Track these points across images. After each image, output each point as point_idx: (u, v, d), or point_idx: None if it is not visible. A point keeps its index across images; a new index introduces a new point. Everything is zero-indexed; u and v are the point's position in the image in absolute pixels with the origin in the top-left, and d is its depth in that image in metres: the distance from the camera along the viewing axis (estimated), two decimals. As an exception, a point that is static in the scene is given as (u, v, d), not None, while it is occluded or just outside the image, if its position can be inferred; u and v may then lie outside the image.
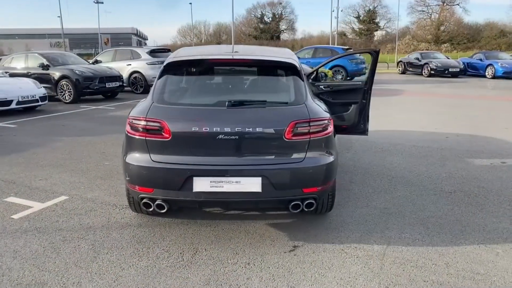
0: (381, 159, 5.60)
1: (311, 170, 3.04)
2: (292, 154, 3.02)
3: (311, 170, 3.04)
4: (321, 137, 3.12)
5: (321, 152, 3.13)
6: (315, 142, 3.08)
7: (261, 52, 3.76)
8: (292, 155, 3.02)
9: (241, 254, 3.06)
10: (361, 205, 3.99)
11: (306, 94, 3.26)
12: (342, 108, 5.29)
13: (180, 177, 2.94)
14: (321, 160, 3.10)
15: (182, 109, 3.09)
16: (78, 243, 3.23)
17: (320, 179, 3.11)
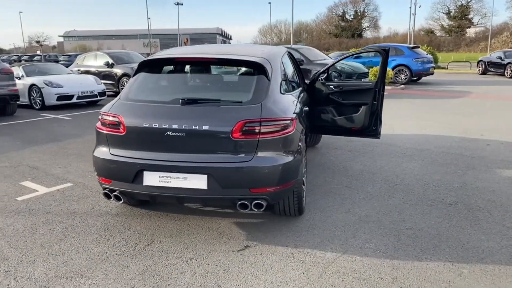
0: (395, 165, 5.28)
1: (259, 170, 3.00)
2: (239, 153, 3.01)
3: (259, 170, 3.00)
4: (275, 137, 3.06)
5: (274, 153, 3.07)
6: (267, 142, 3.03)
7: (233, 51, 3.76)
8: (239, 154, 3.01)
9: (190, 249, 3.13)
10: (342, 211, 3.82)
11: (267, 94, 3.22)
12: (352, 109, 5.10)
13: (132, 170, 3.09)
14: (272, 160, 3.05)
15: (138, 106, 3.23)
16: (54, 226, 3.53)
17: (271, 180, 3.06)
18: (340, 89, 5.23)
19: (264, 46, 4.37)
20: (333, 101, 5.24)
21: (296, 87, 4.44)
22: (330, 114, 5.27)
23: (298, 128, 3.39)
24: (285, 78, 3.84)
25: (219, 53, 3.69)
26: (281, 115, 3.15)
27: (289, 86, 3.95)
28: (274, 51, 3.90)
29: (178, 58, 3.53)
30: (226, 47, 4.20)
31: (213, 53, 3.66)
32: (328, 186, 4.50)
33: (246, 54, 3.59)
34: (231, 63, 3.59)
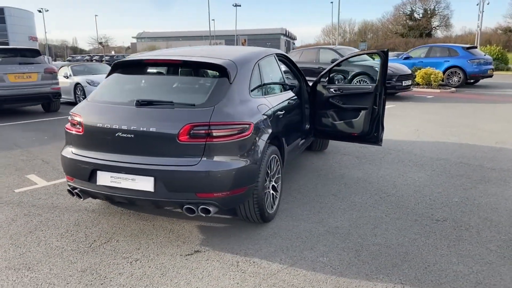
0: (399, 174, 4.94)
1: (205, 174, 2.94)
2: (186, 157, 2.97)
3: (205, 175, 2.95)
4: (226, 142, 2.99)
5: (224, 157, 3.00)
6: (216, 146, 2.97)
7: (205, 53, 3.72)
8: (186, 158, 2.97)
9: (141, 250, 3.15)
10: (314, 221, 3.64)
11: (225, 97, 3.15)
12: (351, 113, 4.88)
13: (87, 169, 3.18)
14: (220, 165, 2.98)
15: (98, 106, 3.31)
16: (32, 219, 3.73)
17: (218, 185, 2.99)
18: (340, 92, 5.00)
19: (246, 49, 4.27)
20: (333, 105, 5.03)
21: (282, 90, 4.31)
22: (330, 118, 5.06)
23: (260, 133, 3.28)
24: (260, 81, 3.73)
25: (188, 55, 3.67)
26: (236, 119, 3.06)
27: (266, 89, 3.83)
28: (248, 54, 3.81)
29: (146, 60, 3.57)
30: (206, 49, 4.18)
31: (181, 55, 3.66)
32: (314, 193, 4.32)
33: (213, 56, 3.54)
34: (195, 65, 3.56)
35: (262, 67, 3.93)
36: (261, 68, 3.88)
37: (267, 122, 3.47)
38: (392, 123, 8.18)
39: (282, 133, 3.87)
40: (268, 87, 3.97)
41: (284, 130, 3.94)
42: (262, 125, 3.34)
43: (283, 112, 3.90)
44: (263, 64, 4.01)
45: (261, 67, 3.85)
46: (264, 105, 3.54)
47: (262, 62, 3.97)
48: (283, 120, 3.92)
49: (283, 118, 3.91)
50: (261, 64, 3.88)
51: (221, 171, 2.97)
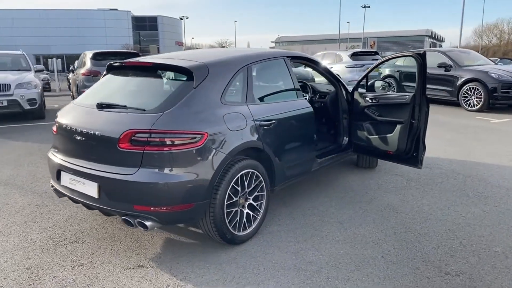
0: (444, 207, 3.98)
1: (141, 186, 2.73)
2: (125, 165, 2.80)
3: (141, 186, 2.74)
4: (167, 152, 2.74)
5: (165, 169, 2.75)
6: (156, 156, 2.74)
7: (185, 56, 3.45)
8: (124, 166, 2.80)
9: (94, 255, 3.10)
10: (289, 251, 3.14)
11: (181, 103, 2.89)
12: (386, 127, 4.18)
13: (55, 169, 3.26)
14: (159, 177, 2.73)
15: (73, 108, 3.35)
16: (38, 210, 4.01)
17: (155, 198, 2.75)
18: (376, 101, 4.27)
19: (239, 51, 3.86)
20: (368, 116, 4.32)
21: (288, 98, 3.82)
22: (365, 131, 4.38)
23: (220, 145, 2.93)
24: (247, 87, 3.35)
25: (165, 58, 3.50)
26: (184, 128, 2.79)
27: (256, 97, 3.43)
28: (234, 57, 3.45)
29: (125, 63, 3.50)
30: (196, 52, 3.93)
31: (160, 58, 3.50)
32: (318, 217, 3.74)
33: (189, 59, 3.30)
34: (164, 68, 3.35)
35: (255, 71, 3.55)
36: (253, 72, 3.50)
37: (239, 133, 3.09)
38: (486, 141, 6.75)
39: (273, 147, 3.42)
40: (259, 94, 3.56)
41: (277, 143, 3.48)
42: (225, 136, 2.98)
43: (277, 123, 3.45)
44: (258, 68, 3.62)
45: (252, 72, 3.47)
46: (240, 114, 3.16)
47: (257, 66, 3.59)
48: (277, 131, 3.47)
49: (276, 129, 3.46)
50: (253, 69, 3.50)
51: (159, 184, 2.72)
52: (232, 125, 3.05)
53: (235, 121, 3.09)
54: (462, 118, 9.15)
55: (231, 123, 3.05)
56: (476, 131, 7.68)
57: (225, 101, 3.13)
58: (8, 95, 8.75)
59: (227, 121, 3.03)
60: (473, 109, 9.91)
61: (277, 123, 3.48)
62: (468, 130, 7.73)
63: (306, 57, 4.26)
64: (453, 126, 8.19)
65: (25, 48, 45.31)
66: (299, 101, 3.86)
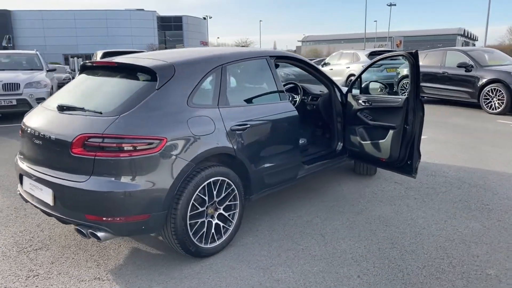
0: (440, 220, 3.64)
1: (92, 194, 2.56)
2: (77, 171, 2.63)
3: (92, 195, 2.56)
4: (120, 159, 2.55)
5: (118, 177, 2.56)
6: (109, 163, 2.56)
7: (156, 56, 3.25)
8: (77, 173, 2.63)
9: (54, 265, 2.96)
10: (257, 266, 2.90)
11: (140, 105, 2.70)
12: (379, 133, 3.89)
13: (17, 174, 3.13)
14: (110, 185, 2.55)
15: (39, 110, 3.21)
16: (16, 213, 3.91)
17: (106, 208, 2.57)
18: (369, 105, 3.97)
19: (213, 50, 3.60)
20: (361, 120, 4.03)
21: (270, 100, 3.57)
22: (358, 136, 4.08)
23: (182, 151, 2.73)
24: (219, 89, 3.13)
25: (134, 58, 3.31)
26: (140, 133, 2.59)
27: (229, 99, 3.19)
28: (205, 57, 3.23)
29: (95, 63, 3.34)
30: (167, 52, 3.72)
31: (128, 58, 3.32)
32: (300, 229, 3.48)
33: (157, 59, 3.10)
34: (128, 68, 3.16)
35: (231, 72, 3.32)
36: (229, 73, 3.27)
37: (206, 138, 2.88)
38: (504, 147, 6.28)
39: (249, 153, 3.19)
40: (235, 96, 3.33)
41: (254, 149, 3.25)
42: (188, 142, 2.77)
43: (253, 128, 3.22)
44: (235, 69, 3.40)
45: (228, 73, 3.24)
46: (207, 118, 2.94)
47: (234, 67, 3.36)
48: (253, 136, 3.24)
49: (253, 134, 3.23)
50: (229, 69, 3.27)
51: (110, 193, 2.54)
52: (197, 129, 2.83)
53: (201, 125, 2.88)
54: (481, 121, 8.62)
55: (196, 128, 2.83)
56: (494, 135, 7.19)
57: (192, 104, 2.92)
58: (17, 94, 8.83)
59: (191, 126, 2.81)
60: (494, 112, 9.35)
61: (254, 127, 3.25)
62: (486, 135, 7.24)
63: (293, 56, 3.99)
64: (470, 129, 7.72)
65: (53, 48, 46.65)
66: (282, 104, 3.61)
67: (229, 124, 3.05)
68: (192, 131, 2.79)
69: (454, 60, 10.37)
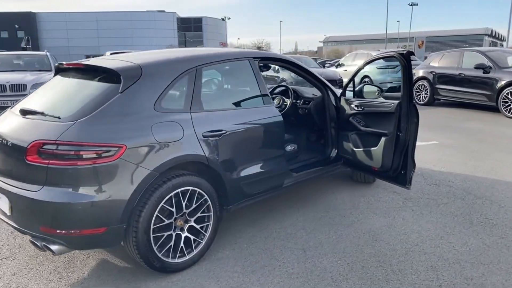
0: (436, 236, 3.35)
1: (45, 205, 2.40)
2: (32, 180, 2.47)
3: (45, 206, 2.40)
4: (74, 167, 2.39)
5: (71, 187, 2.40)
6: (62, 172, 2.39)
7: (128, 57, 3.07)
8: (31, 182, 2.47)
9: (15, 277, 2.82)
10: (228, 285, 2.69)
11: (99, 109, 2.53)
12: (371, 140, 3.64)
13: None
14: (62, 196, 2.39)
15: (5, 114, 3.08)
16: None
17: (59, 220, 2.41)
18: (362, 110, 3.70)
19: (189, 51, 3.32)
20: (353, 125, 3.77)
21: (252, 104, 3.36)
22: (351, 143, 3.83)
23: (144, 159, 2.54)
24: (192, 92, 2.93)
25: (103, 59, 3.15)
26: (97, 140, 2.42)
27: (204, 103, 2.98)
28: (178, 58, 3.04)
29: (65, 64, 3.19)
30: (142, 53, 3.53)
31: (98, 60, 3.15)
32: (284, 242, 3.25)
33: (126, 60, 2.93)
34: (94, 70, 2.99)
35: (207, 74, 3.13)
36: (205, 76, 3.07)
37: (173, 145, 2.69)
38: (520, 154, 5.88)
39: (225, 161, 2.99)
40: (211, 100, 3.14)
41: (231, 156, 3.05)
42: (151, 149, 2.58)
43: (230, 134, 3.01)
44: (212, 71, 3.20)
45: (203, 75, 3.04)
46: (176, 124, 2.75)
47: (210, 69, 3.16)
48: (230, 143, 3.03)
49: (229, 141, 3.02)
50: (205, 71, 3.07)
51: (62, 204, 2.38)
52: (162, 136, 2.64)
53: (168, 131, 2.69)
54: (498, 125, 8.17)
55: (161, 134, 2.64)
56: (510, 142, 6.76)
57: (160, 108, 2.74)
58: (24, 95, 8.86)
59: (156, 132, 2.62)
60: (513, 116, 8.87)
61: (232, 133, 3.04)
62: (502, 140, 6.82)
63: (280, 58, 3.76)
64: (484, 134, 7.29)
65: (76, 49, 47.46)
66: (265, 108, 3.39)
67: (201, 130, 2.85)
68: (156, 138, 2.61)
69: (471, 61, 9.91)
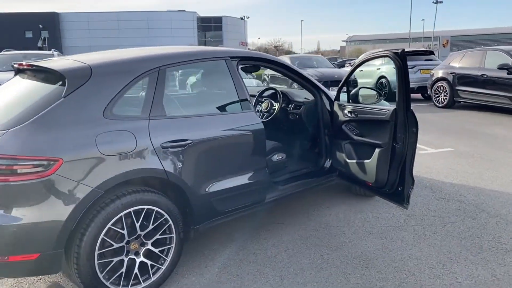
0: (437, 263, 2.90)
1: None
2: None
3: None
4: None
5: (1, 207, 2.08)
6: (-13, 190, 2.08)
7: (77, 57, 2.73)
8: None
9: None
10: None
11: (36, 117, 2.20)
12: (365, 151, 3.23)
13: None
14: None
15: None
16: None
17: None
18: (355, 116, 3.28)
19: (152, 50, 2.90)
20: (346, 134, 3.35)
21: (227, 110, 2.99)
22: (343, 153, 3.41)
23: (85, 174, 2.21)
24: (152, 96, 2.57)
25: (59, 59, 2.82)
26: (27, 152, 2.09)
27: (158, 108, 2.59)
28: (140, 57, 2.68)
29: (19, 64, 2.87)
30: (108, 52, 3.18)
31: (50, 61, 2.83)
32: (260, 267, 2.87)
33: (78, 60, 2.60)
34: (43, 71, 2.65)
35: (174, 76, 2.78)
36: (170, 77, 2.72)
37: (123, 158, 2.34)
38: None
39: (190, 175, 2.63)
40: (177, 106, 2.78)
41: (199, 170, 2.68)
42: (94, 163, 2.24)
43: (197, 144, 2.64)
44: (180, 72, 2.85)
45: (168, 77, 2.68)
46: (128, 133, 2.39)
47: (178, 70, 2.82)
48: (198, 155, 2.67)
49: (196, 152, 2.66)
50: (170, 72, 2.71)
51: (-14, 227, 2.06)
52: (108, 147, 2.30)
53: (116, 142, 2.34)
54: (522, 131, 7.54)
55: (107, 145, 2.29)
56: (534, 149, 6.16)
57: (111, 115, 2.39)
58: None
59: (101, 142, 2.28)
60: (540, 121, 8.19)
61: (199, 143, 2.67)
62: (524, 148, 6.23)
63: (264, 58, 3.35)
64: (507, 141, 6.69)
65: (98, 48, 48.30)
66: (243, 115, 3.00)
67: (159, 140, 2.49)
68: (100, 150, 2.26)
69: (494, 61, 9.25)
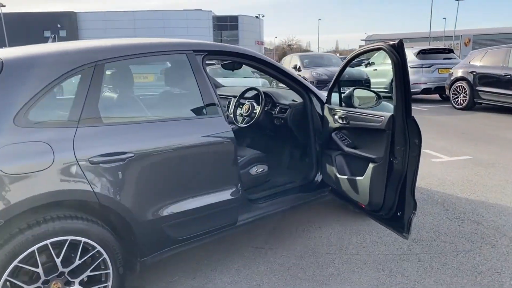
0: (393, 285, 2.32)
1: None
2: None
3: None
4: None
5: None
6: None
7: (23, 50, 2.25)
8: None
9: None
10: None
11: None
12: (357, 166, 2.67)
13: None
14: None
15: None
16: None
17: None
18: (346, 123, 2.71)
19: (95, 41, 2.39)
20: (335, 143, 2.79)
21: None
22: (334, 166, 2.84)
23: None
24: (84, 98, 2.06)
25: None
26: None
27: (91, 112, 2.08)
28: (66, 49, 2.17)
29: None
30: (42, 45, 2.68)
31: None
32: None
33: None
34: None
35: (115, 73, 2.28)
36: (109, 74, 2.22)
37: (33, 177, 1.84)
38: None
39: (131, 196, 2.12)
40: (118, 109, 2.26)
41: (144, 189, 2.17)
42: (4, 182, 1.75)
43: (140, 157, 2.13)
44: (124, 68, 2.33)
45: (106, 74, 2.18)
46: (44, 145, 1.89)
47: (121, 65, 2.30)
48: (145, 170, 2.16)
49: (142, 167, 2.14)
50: (109, 68, 2.23)
51: None
52: (13, 164, 1.80)
53: (25, 157, 1.84)
54: (550, 136, 6.79)
55: (12, 162, 1.80)
56: None
57: (24, 122, 1.89)
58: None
59: (4, 158, 1.78)
60: None
61: (144, 156, 2.16)
62: (553, 156, 5.52)
63: (238, 52, 2.76)
64: (532, 148, 5.99)
65: (113, 47, 48.83)
66: (207, 120, 2.47)
67: (88, 153, 1.98)
68: (2, 167, 1.76)
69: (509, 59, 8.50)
